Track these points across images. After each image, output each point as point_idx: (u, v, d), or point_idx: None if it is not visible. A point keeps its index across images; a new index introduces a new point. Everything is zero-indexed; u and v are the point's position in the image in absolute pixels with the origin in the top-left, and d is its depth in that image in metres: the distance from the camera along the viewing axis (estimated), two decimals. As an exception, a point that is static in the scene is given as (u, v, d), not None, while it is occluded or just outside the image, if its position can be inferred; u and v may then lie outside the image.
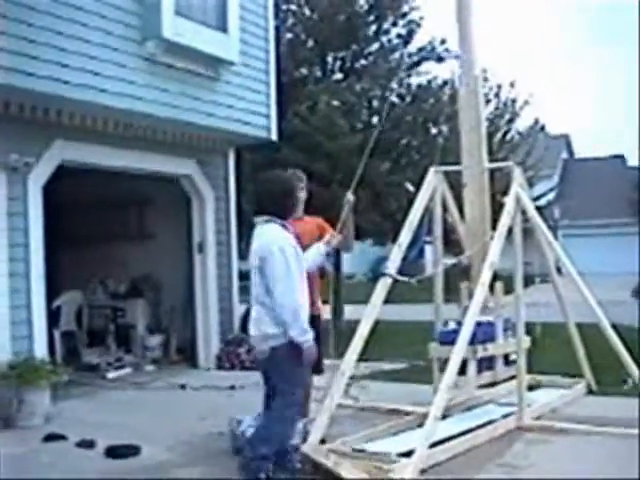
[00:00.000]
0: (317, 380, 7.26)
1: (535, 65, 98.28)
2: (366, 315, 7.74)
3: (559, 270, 9.71)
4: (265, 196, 6.21)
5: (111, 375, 11.87)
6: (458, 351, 7.19)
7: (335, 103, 18.22)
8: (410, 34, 26.84)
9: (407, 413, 8.38)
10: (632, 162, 47.43)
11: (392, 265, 8.10)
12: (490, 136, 29.83)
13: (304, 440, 6.75)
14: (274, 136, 13.00)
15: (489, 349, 8.43)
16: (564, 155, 54.23)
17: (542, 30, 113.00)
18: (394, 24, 26.58)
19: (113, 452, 7.41)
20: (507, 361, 8.81)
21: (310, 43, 26.04)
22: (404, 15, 26.61)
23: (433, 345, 8.65)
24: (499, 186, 11.14)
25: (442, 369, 7.79)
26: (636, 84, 63.89)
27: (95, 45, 9.76)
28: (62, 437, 7.96)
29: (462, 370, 7.83)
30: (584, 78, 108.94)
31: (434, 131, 25.78)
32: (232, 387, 10.63)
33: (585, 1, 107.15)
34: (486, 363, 8.52)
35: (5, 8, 8.67)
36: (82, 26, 9.61)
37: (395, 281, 8.12)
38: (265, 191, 6.26)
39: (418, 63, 27.19)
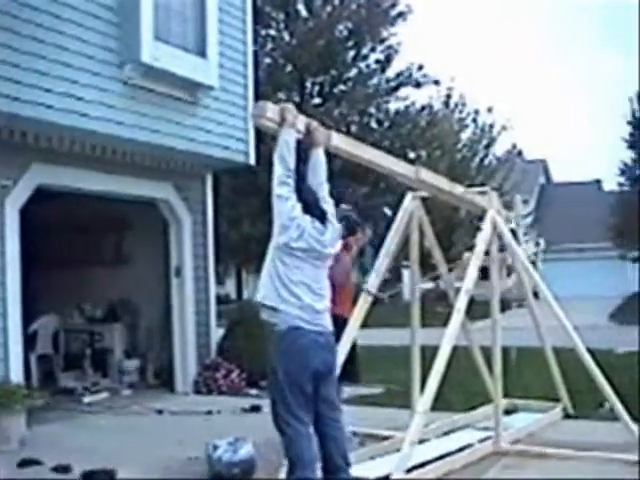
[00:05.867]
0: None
1: (512, 90, 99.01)
2: (348, 330, 7.71)
3: (536, 295, 9.74)
4: None
5: (87, 399, 11.79)
6: (435, 373, 7.19)
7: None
8: (388, 60, 27.16)
9: (384, 438, 8.37)
10: (608, 187, 47.86)
11: (371, 284, 8.14)
12: (468, 161, 30.29)
13: None
14: (252, 160, 13.03)
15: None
16: (541, 180, 54.55)
17: (519, 55, 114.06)
18: (372, 49, 26.87)
19: (89, 477, 7.34)
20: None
21: (289, 68, 26.26)
22: (382, 41, 26.88)
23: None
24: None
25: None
26: (614, 107, 64.48)
27: (76, 69, 9.79)
28: (37, 462, 7.88)
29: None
30: (561, 103, 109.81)
31: (412, 155, 26.01)
32: (209, 412, 10.58)
33: (564, 29, 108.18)
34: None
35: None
36: (64, 50, 9.65)
37: (374, 301, 8.17)
38: None
39: (396, 88, 27.46)
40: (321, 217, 5.77)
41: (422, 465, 7.18)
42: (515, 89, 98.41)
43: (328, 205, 5.94)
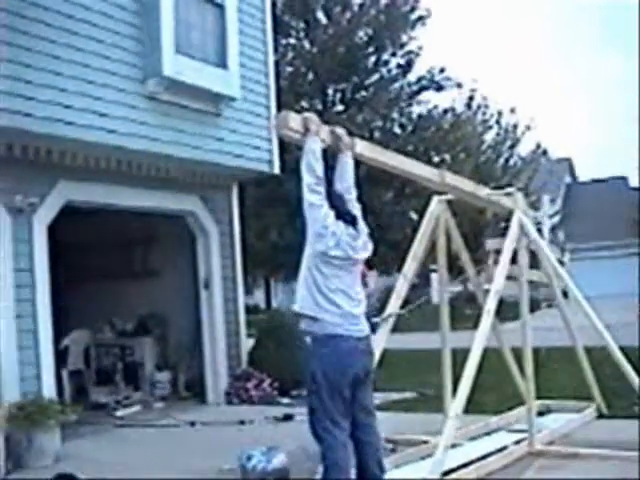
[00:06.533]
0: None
1: (535, 90, 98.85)
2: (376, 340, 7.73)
3: (565, 294, 9.70)
4: None
5: (120, 413, 11.83)
6: (467, 377, 7.17)
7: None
8: (409, 64, 27.11)
9: (417, 443, 8.35)
10: (634, 183, 47.63)
11: (394, 302, 8.10)
12: (492, 162, 30.14)
13: None
14: (277, 170, 13.05)
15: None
16: (567, 179, 54.27)
17: (536, 54, 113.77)
18: (393, 54, 26.85)
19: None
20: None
21: (310, 76, 26.26)
22: (403, 45, 26.85)
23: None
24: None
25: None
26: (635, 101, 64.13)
27: (97, 85, 9.87)
28: (72, 477, 7.89)
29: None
30: (584, 100, 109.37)
31: (437, 159, 25.95)
32: (242, 422, 10.58)
33: (582, 27, 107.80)
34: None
35: (6, 51, 8.78)
36: (89, 68, 9.77)
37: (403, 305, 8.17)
38: None
39: (418, 92, 27.42)
40: (352, 222, 5.78)
41: (456, 469, 7.16)
42: (537, 88, 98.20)
43: (357, 209, 5.96)
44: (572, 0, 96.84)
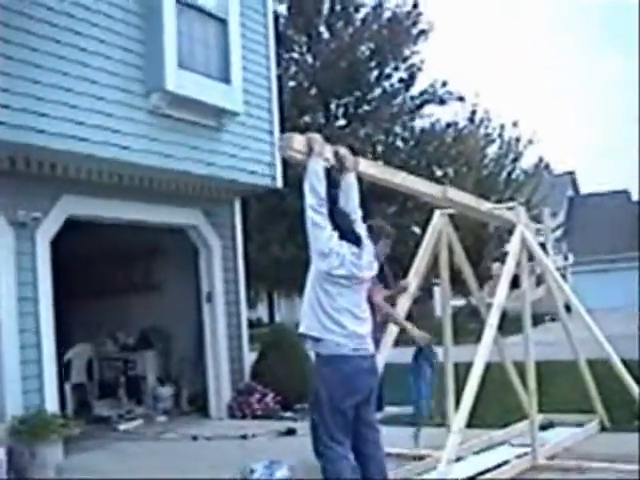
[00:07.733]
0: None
1: (536, 92, 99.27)
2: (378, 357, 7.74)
3: (568, 308, 9.70)
4: None
5: (122, 427, 11.83)
6: (470, 391, 7.17)
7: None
8: (411, 78, 27.14)
9: (420, 457, 8.33)
10: (636, 197, 47.76)
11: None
12: (495, 176, 30.12)
13: None
14: (279, 184, 13.07)
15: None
16: (570, 192, 54.34)
17: (540, 55, 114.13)
18: (395, 69, 26.89)
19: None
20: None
21: (313, 90, 26.29)
22: (405, 59, 26.89)
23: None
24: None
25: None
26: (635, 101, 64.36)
27: (100, 100, 9.90)
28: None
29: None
30: (584, 100, 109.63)
31: (439, 173, 25.97)
32: (244, 436, 10.58)
33: (582, 27, 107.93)
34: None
35: (11, 67, 8.83)
36: (92, 83, 9.83)
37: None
38: None
39: (420, 106, 27.45)
40: (356, 241, 5.78)
41: (459, 483, 7.16)
42: (537, 90, 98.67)
43: (361, 228, 5.96)
44: (572, 0, 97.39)
